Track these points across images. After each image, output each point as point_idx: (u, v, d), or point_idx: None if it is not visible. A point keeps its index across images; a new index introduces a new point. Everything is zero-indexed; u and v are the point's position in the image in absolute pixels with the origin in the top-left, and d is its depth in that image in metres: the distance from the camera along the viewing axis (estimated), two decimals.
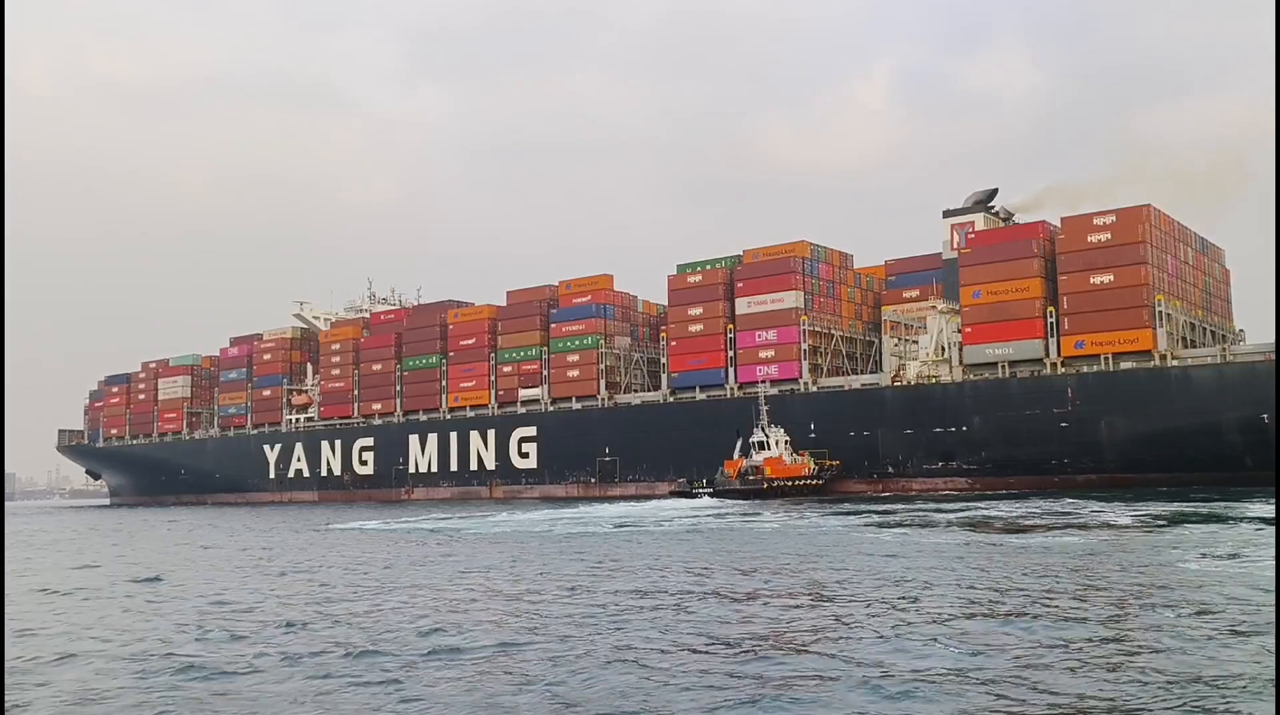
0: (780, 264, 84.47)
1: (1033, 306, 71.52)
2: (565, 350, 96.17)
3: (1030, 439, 70.53)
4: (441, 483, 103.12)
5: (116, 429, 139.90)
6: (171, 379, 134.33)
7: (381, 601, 22.49)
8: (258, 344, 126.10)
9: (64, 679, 14.83)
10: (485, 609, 20.60)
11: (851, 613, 18.60)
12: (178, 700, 13.47)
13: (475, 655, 15.62)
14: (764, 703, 12.20)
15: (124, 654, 16.84)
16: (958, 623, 17.15)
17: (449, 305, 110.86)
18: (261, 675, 14.77)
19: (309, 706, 12.85)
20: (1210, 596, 19.11)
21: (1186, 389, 66.25)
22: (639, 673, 13.97)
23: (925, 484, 74.69)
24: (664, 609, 19.72)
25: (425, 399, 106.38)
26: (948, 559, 27.26)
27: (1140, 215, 69.80)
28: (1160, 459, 65.29)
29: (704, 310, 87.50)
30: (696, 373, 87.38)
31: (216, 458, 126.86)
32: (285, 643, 17.31)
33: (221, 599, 23.91)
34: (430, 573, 28.65)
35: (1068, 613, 17.68)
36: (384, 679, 14.23)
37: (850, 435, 77.82)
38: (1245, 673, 12.77)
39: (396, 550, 37.49)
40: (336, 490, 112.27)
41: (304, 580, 27.96)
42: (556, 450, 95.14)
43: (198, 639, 18.13)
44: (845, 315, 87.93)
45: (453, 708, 12.56)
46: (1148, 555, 26.72)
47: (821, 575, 24.50)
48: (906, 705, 11.94)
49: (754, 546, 33.16)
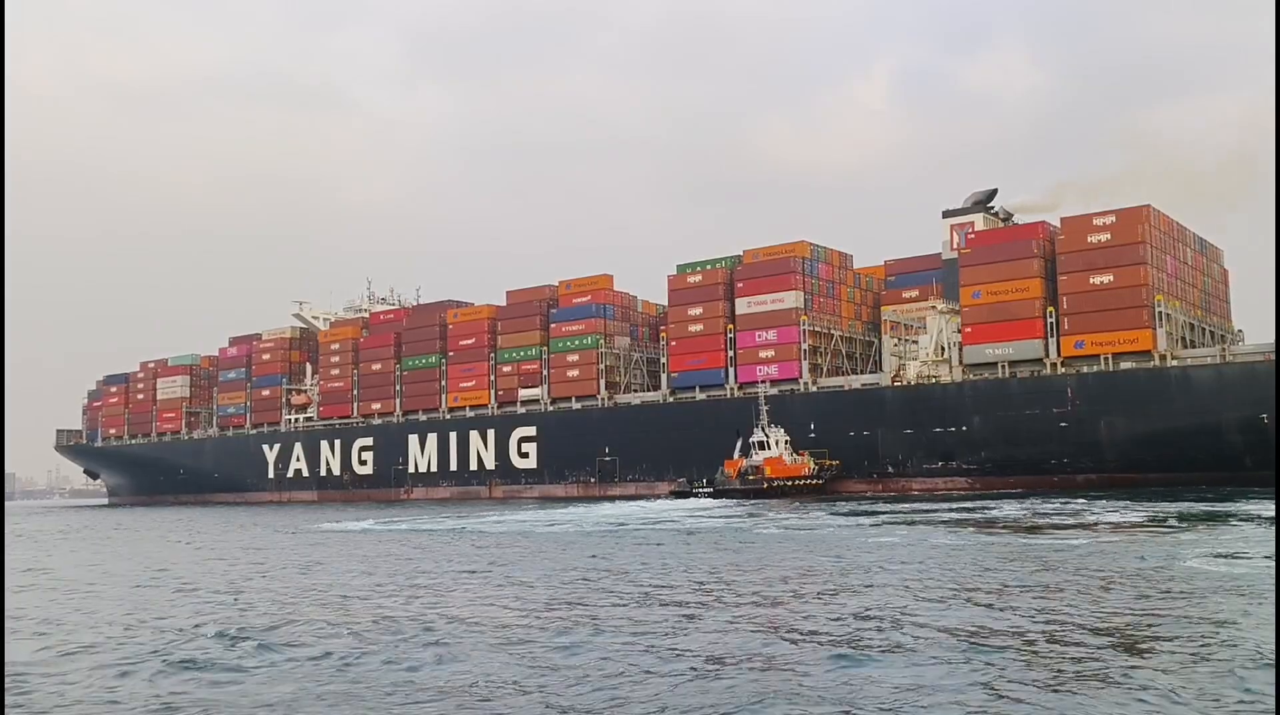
0: (780, 264, 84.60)
1: (1033, 306, 71.65)
2: (565, 350, 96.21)
3: (1030, 439, 70.65)
4: (441, 483, 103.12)
5: (115, 429, 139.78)
6: (170, 379, 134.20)
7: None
8: (257, 344, 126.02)
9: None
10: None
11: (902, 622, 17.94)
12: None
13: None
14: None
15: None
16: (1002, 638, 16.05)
17: (448, 305, 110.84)
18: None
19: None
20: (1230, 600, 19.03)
21: (1186, 389, 66.39)
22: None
23: (925, 484, 74.79)
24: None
25: (425, 399, 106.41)
26: (978, 566, 25.75)
27: (1140, 215, 69.94)
28: (1160, 459, 65.44)
29: (704, 310, 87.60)
30: (696, 373, 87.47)
31: (215, 458, 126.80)
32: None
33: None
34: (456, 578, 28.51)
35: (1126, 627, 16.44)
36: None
37: (850, 435, 77.92)
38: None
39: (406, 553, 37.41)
40: (336, 490, 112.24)
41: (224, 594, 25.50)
42: (556, 450, 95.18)
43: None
44: (845, 315, 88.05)
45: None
46: (1172, 555, 26.45)
47: (852, 581, 23.52)
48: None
49: (792, 552, 31.16)
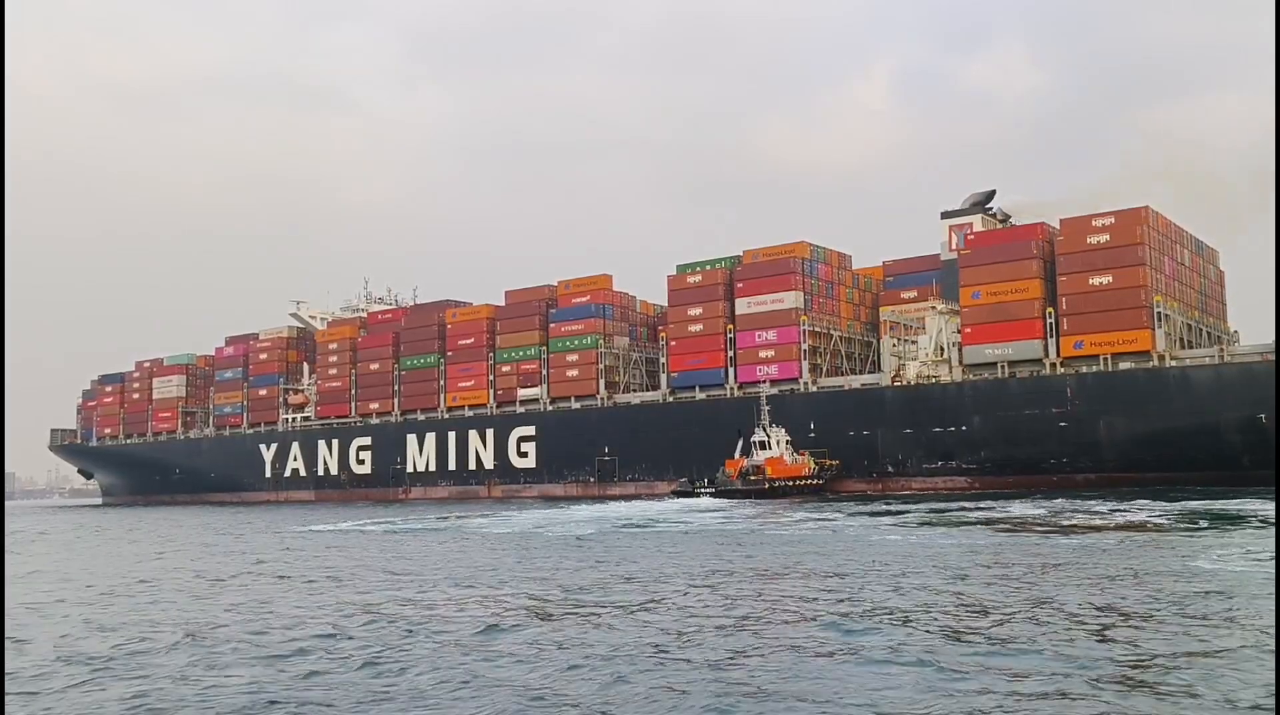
0: (780, 264, 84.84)
1: (1032, 307, 72.01)
2: (564, 350, 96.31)
3: (1029, 439, 70.99)
4: (440, 482, 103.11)
5: (110, 428, 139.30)
6: (166, 378, 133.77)
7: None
8: (254, 343, 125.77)
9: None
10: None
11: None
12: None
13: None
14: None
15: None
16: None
17: (447, 305, 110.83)
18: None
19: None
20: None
21: (1185, 389, 66.80)
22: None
23: (925, 483, 75.09)
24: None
25: (423, 398, 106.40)
26: (1033, 567, 25.16)
27: (1139, 217, 70.37)
28: (1159, 459, 65.82)
29: (704, 310, 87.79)
30: (696, 372, 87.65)
31: (212, 457, 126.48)
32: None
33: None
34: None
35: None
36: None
37: (850, 435, 78.18)
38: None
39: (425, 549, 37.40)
40: (333, 490, 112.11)
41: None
42: (555, 450, 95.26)
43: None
44: (843, 316, 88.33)
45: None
46: (1185, 554, 26.73)
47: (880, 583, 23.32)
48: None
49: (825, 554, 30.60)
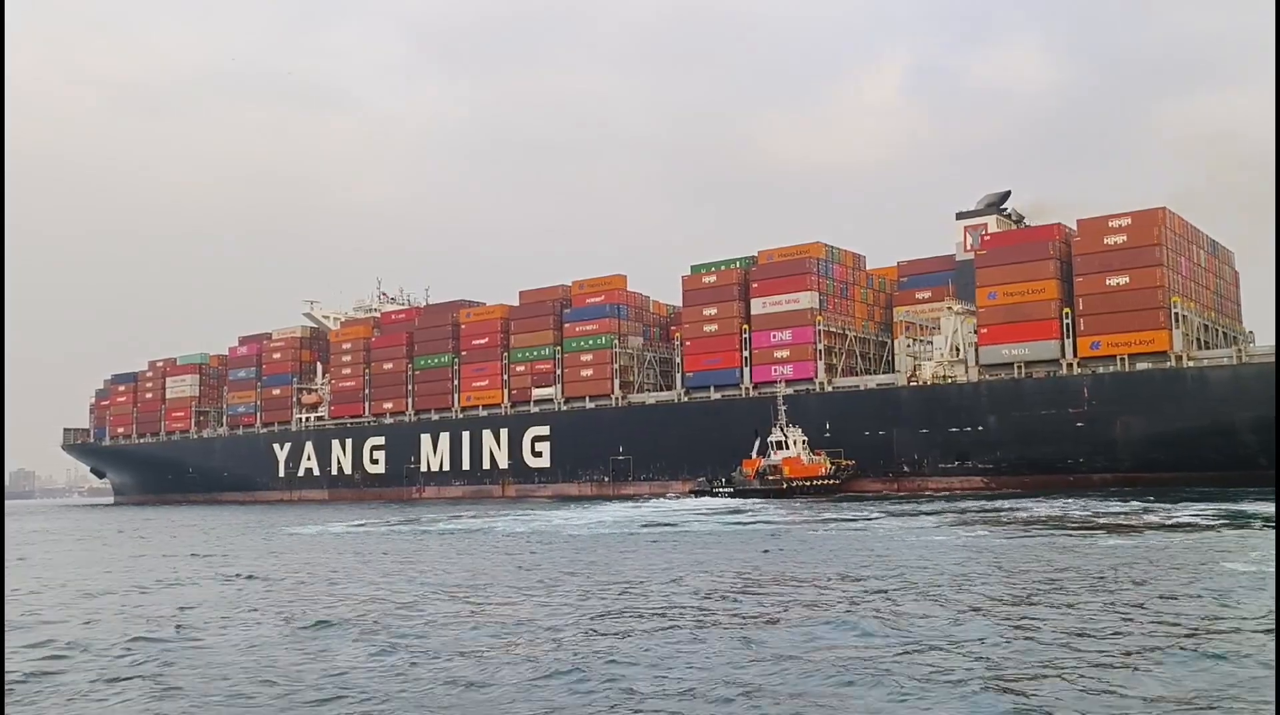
0: (795, 265, 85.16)
1: (1049, 308, 72.25)
2: (579, 350, 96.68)
3: (1046, 439, 71.21)
4: (453, 482, 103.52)
5: (123, 427, 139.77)
6: (179, 378, 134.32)
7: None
8: (267, 343, 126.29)
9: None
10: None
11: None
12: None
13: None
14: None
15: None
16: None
17: (460, 305, 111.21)
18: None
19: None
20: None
21: (1202, 390, 67.00)
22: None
23: (941, 483, 75.34)
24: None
25: (437, 398, 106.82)
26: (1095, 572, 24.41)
27: (1155, 218, 70.59)
28: (1175, 459, 66.01)
29: (719, 310, 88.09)
30: (711, 372, 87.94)
31: (225, 457, 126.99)
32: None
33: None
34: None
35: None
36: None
37: (865, 435, 78.46)
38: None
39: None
40: (347, 489, 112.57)
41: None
42: (570, 449, 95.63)
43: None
44: (858, 316, 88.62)
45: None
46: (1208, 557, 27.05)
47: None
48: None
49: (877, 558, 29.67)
